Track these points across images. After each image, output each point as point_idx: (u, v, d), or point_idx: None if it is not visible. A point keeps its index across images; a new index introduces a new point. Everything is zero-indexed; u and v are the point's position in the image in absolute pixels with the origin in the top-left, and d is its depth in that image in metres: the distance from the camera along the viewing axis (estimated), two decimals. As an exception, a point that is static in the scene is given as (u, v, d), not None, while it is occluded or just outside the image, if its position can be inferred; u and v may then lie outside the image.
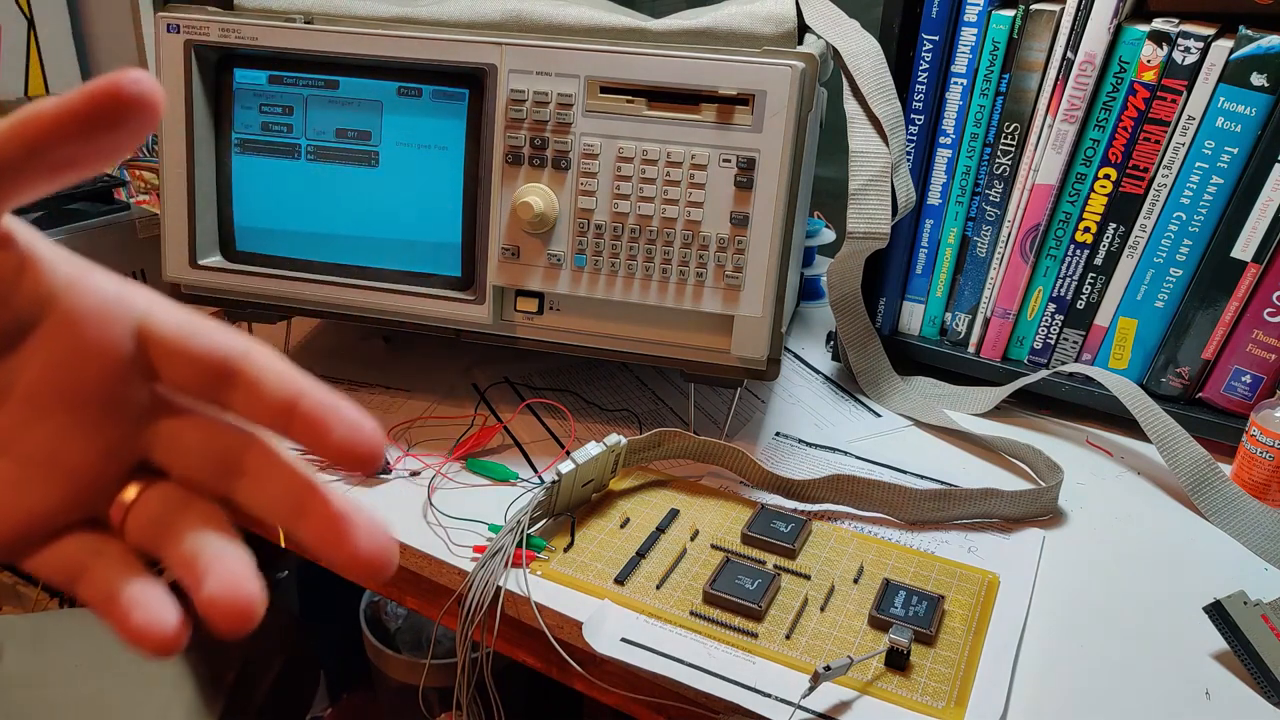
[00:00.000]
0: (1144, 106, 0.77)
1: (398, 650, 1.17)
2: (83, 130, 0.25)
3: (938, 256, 0.90)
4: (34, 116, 0.25)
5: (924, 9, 0.82)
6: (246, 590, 0.26)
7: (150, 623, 0.26)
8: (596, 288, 0.74)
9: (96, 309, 0.28)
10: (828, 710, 0.55)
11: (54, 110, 0.25)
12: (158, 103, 0.25)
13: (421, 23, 0.76)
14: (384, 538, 0.28)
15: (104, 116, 0.25)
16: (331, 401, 0.27)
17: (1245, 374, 0.80)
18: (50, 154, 0.26)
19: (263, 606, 0.26)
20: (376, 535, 0.27)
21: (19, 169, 0.25)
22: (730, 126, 0.69)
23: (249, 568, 0.27)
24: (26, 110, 0.25)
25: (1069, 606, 0.65)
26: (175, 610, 0.27)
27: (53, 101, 0.25)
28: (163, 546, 0.28)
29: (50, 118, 0.25)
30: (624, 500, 0.73)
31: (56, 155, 0.26)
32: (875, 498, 0.72)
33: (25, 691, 0.75)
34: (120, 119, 0.25)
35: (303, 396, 0.27)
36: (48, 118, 0.25)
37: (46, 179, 0.26)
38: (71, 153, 0.26)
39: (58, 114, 0.25)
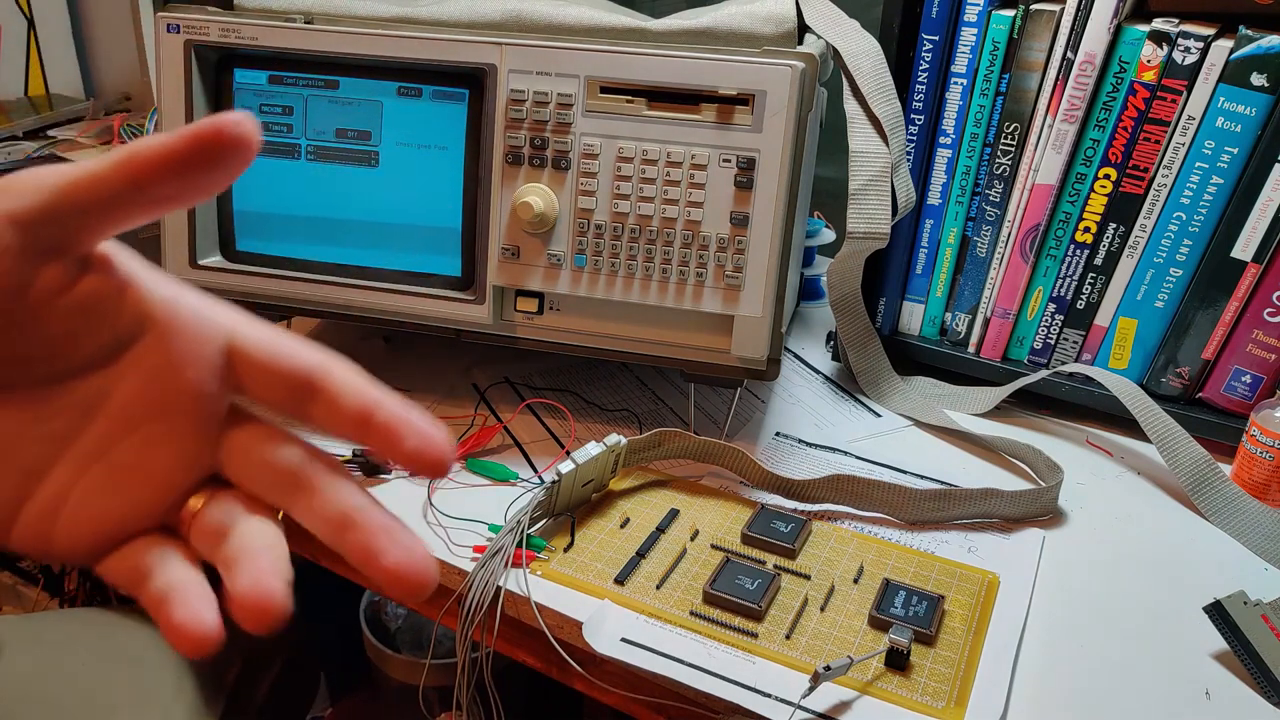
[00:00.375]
0: (1144, 106, 0.77)
1: (398, 650, 1.17)
2: (184, 169, 0.27)
3: (938, 256, 0.90)
4: (139, 154, 0.27)
5: (924, 9, 0.82)
6: (271, 587, 0.28)
7: (186, 620, 0.28)
8: (596, 288, 0.74)
9: (190, 326, 0.30)
10: (828, 710, 0.56)
11: (159, 150, 0.27)
12: (255, 144, 0.27)
13: (421, 23, 0.76)
14: (421, 556, 0.29)
15: (205, 157, 0.27)
16: (405, 412, 0.29)
17: (1245, 374, 0.80)
18: (152, 190, 0.27)
19: (286, 607, 0.28)
20: (414, 553, 0.29)
21: (123, 203, 0.27)
22: (730, 126, 0.69)
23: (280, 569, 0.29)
24: (132, 147, 0.27)
25: (1069, 606, 0.65)
26: (214, 611, 0.28)
27: (157, 140, 0.27)
28: (216, 551, 0.30)
29: (155, 157, 0.27)
30: (624, 500, 0.73)
31: (158, 191, 0.27)
32: (875, 498, 0.72)
33: (25, 691, 0.75)
34: (220, 159, 0.27)
35: (379, 408, 0.29)
36: (153, 157, 0.27)
37: (146, 212, 0.28)
38: (172, 189, 0.28)
39: (162, 154, 0.27)
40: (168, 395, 0.30)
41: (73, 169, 0.27)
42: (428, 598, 0.30)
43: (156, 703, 0.78)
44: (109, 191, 0.27)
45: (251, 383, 0.30)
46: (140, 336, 0.30)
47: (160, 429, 0.30)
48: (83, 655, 0.80)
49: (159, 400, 0.30)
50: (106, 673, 0.79)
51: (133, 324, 0.29)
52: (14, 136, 1.32)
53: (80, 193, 0.27)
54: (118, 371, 0.30)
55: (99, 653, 0.80)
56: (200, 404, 0.30)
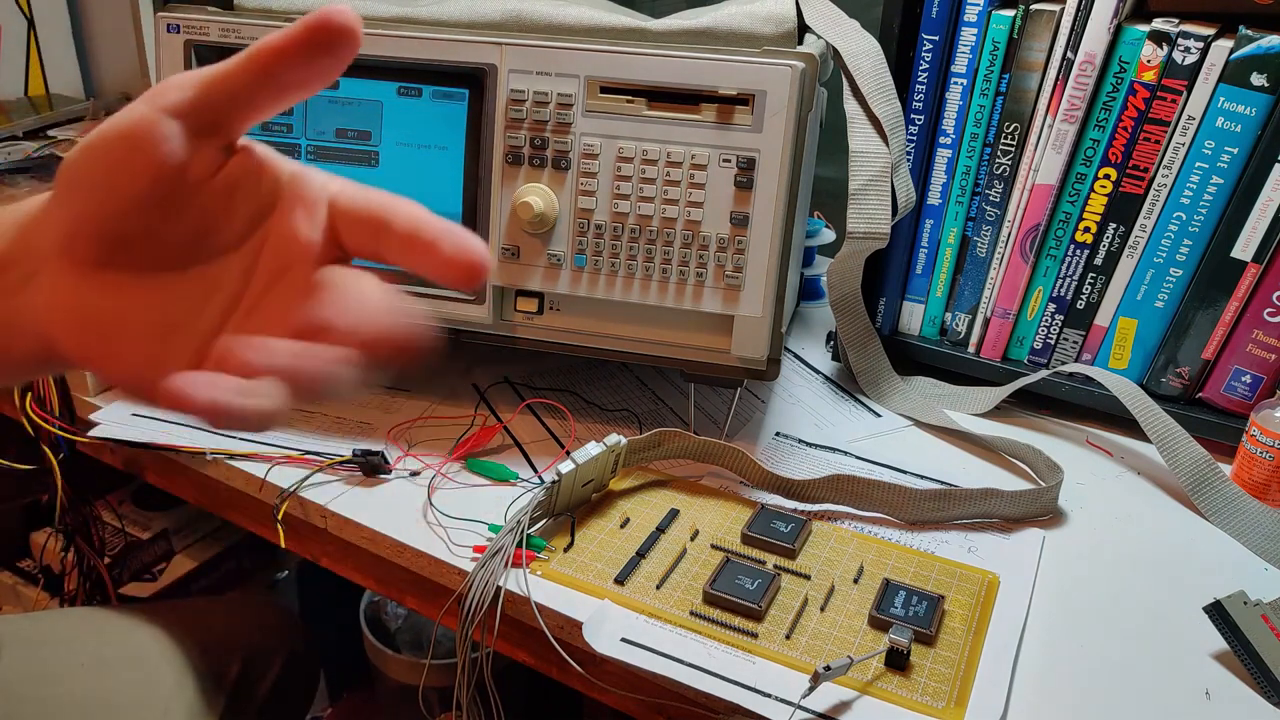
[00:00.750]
0: (1144, 106, 0.77)
1: (398, 650, 1.18)
2: (305, 54, 0.32)
3: (938, 256, 0.90)
4: (265, 47, 0.32)
5: (924, 9, 0.82)
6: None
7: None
8: (596, 288, 0.74)
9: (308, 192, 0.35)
10: (828, 710, 0.56)
11: (280, 41, 0.32)
12: (359, 32, 0.32)
13: (421, 23, 0.76)
14: (475, 245, 0.34)
15: (319, 44, 0.32)
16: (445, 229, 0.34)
17: (1245, 374, 0.80)
18: (280, 76, 0.32)
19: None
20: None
21: (256, 91, 0.32)
22: (730, 126, 0.69)
23: None
24: (257, 43, 0.32)
25: (1069, 606, 0.65)
26: None
27: (278, 33, 0.32)
28: None
29: (277, 47, 0.32)
30: (624, 500, 0.73)
31: (284, 78, 0.32)
32: (875, 498, 0.72)
33: (25, 691, 0.75)
34: (331, 45, 0.32)
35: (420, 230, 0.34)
36: (275, 48, 0.32)
37: (275, 100, 0.33)
38: (295, 75, 0.32)
39: (283, 44, 0.32)
40: (296, 249, 0.35)
41: (212, 68, 0.32)
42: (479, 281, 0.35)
43: (156, 702, 0.78)
44: (244, 82, 0.32)
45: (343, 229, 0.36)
46: (274, 205, 0.35)
47: (294, 277, 0.35)
48: (83, 655, 0.80)
49: (292, 254, 0.35)
50: (106, 673, 0.79)
51: (269, 195, 0.35)
52: (14, 136, 1.32)
53: (222, 85, 0.32)
54: (261, 236, 0.35)
55: (99, 653, 0.80)
56: (318, 251, 0.35)
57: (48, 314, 0.34)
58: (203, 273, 0.35)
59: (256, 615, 0.93)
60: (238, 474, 0.75)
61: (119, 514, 1.23)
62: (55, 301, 0.34)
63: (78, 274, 0.33)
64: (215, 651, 0.84)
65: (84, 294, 0.34)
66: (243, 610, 0.93)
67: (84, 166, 0.32)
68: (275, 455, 0.75)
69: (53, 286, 0.34)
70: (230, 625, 0.89)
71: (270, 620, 0.94)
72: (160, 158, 0.32)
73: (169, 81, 0.32)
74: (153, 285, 0.34)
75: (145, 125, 0.32)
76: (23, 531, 1.29)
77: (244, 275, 0.35)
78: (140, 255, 0.34)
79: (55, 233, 0.33)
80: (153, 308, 0.34)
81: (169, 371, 0.32)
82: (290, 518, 0.73)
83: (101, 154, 0.32)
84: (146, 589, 1.23)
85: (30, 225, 0.34)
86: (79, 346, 0.34)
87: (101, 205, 0.32)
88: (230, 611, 0.92)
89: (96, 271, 0.33)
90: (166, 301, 0.34)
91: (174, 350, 0.34)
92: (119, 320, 0.34)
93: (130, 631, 0.83)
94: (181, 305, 0.34)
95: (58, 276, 0.34)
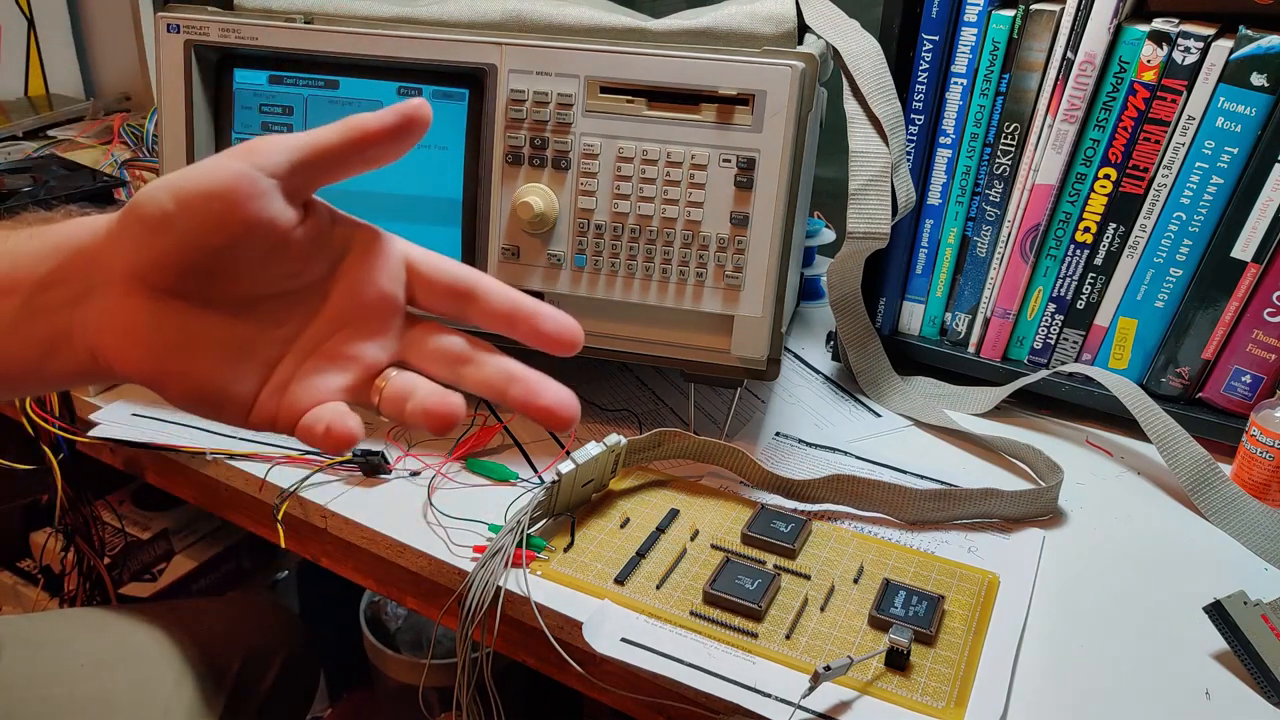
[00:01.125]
0: (1144, 106, 0.77)
1: (398, 650, 1.18)
2: (395, 136, 0.37)
3: (938, 256, 0.90)
4: (362, 126, 0.37)
5: (924, 9, 0.82)
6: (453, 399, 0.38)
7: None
8: (596, 288, 0.74)
9: (382, 249, 0.39)
10: (828, 710, 0.56)
11: (378, 123, 0.37)
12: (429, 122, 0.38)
13: (421, 23, 0.76)
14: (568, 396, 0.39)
15: (409, 128, 0.37)
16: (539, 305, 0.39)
17: (1245, 374, 0.80)
18: (368, 151, 0.37)
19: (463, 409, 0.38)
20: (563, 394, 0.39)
21: (346, 160, 0.37)
22: (730, 126, 0.69)
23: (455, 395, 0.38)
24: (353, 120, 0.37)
25: (1069, 606, 0.65)
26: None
27: (374, 116, 0.37)
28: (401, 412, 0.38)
29: (376, 128, 0.37)
30: (624, 500, 0.73)
31: (371, 153, 0.37)
32: (875, 498, 0.72)
33: (25, 691, 0.75)
34: (415, 130, 0.37)
35: (520, 304, 0.39)
36: (374, 128, 0.37)
37: (358, 169, 0.38)
38: (380, 151, 0.37)
39: (380, 125, 0.37)
40: (367, 300, 0.39)
41: (309, 136, 0.37)
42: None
43: (156, 702, 0.78)
44: (339, 153, 0.37)
45: (421, 293, 0.40)
46: (346, 256, 0.39)
47: (360, 326, 0.39)
48: (83, 655, 0.80)
49: (360, 304, 0.39)
50: (106, 673, 0.79)
51: (341, 247, 0.39)
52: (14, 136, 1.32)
53: (318, 154, 0.36)
54: (330, 283, 0.39)
55: (99, 653, 0.80)
56: (389, 305, 0.39)
57: (101, 332, 0.37)
58: (270, 308, 0.38)
59: (256, 615, 0.93)
60: (238, 474, 0.75)
61: (119, 514, 1.23)
62: (116, 322, 0.36)
63: (148, 300, 0.36)
64: (215, 651, 0.84)
65: (153, 318, 0.36)
66: (243, 610, 0.93)
67: (174, 213, 0.35)
68: (275, 455, 0.75)
69: (116, 308, 0.36)
70: (230, 625, 0.89)
71: (270, 620, 0.94)
72: (254, 215, 0.35)
73: (266, 142, 0.36)
74: (221, 315, 0.37)
75: (245, 185, 0.35)
76: (23, 531, 1.29)
77: (309, 314, 0.39)
78: (214, 291, 0.37)
79: (128, 262, 0.36)
80: (219, 335, 0.37)
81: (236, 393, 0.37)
82: (290, 518, 0.73)
83: (196, 205, 0.35)
84: (146, 589, 1.23)
85: (92, 249, 0.37)
86: (139, 365, 0.37)
87: (188, 252, 0.35)
88: (230, 611, 0.92)
89: (168, 299, 0.36)
90: (233, 330, 0.37)
91: (243, 373, 0.38)
92: (186, 344, 0.37)
93: (130, 631, 0.83)
94: (247, 334, 0.38)
95: (123, 299, 0.36)
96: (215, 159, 0.35)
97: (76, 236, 0.37)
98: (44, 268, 0.37)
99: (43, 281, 0.37)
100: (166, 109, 0.77)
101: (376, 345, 0.39)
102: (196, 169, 0.35)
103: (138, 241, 0.35)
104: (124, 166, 1.19)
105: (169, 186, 0.35)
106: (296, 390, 0.38)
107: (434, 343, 0.40)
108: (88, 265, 0.37)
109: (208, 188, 0.34)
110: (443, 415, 0.37)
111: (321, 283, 0.39)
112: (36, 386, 0.41)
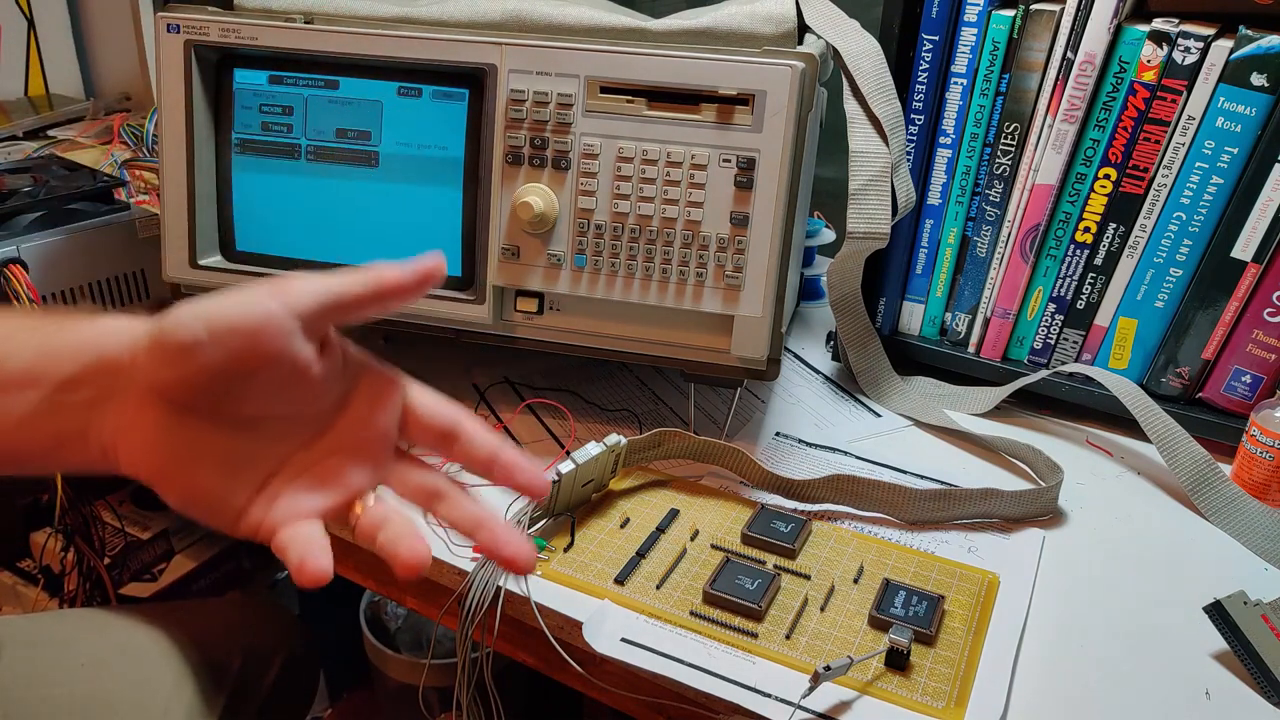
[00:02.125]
0: (1144, 106, 0.77)
1: (398, 650, 1.18)
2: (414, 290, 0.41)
3: (938, 256, 0.90)
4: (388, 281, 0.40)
5: (924, 9, 0.82)
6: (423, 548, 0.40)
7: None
8: (596, 288, 0.74)
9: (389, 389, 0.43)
10: (828, 710, 0.56)
11: (399, 279, 0.40)
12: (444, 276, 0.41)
13: (421, 23, 0.76)
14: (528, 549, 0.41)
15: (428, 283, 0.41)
16: (519, 457, 0.43)
17: (1245, 374, 0.80)
18: (388, 301, 0.40)
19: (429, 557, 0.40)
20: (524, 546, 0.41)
21: (367, 307, 0.40)
22: (730, 126, 0.69)
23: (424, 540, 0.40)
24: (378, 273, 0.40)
25: (1069, 606, 0.65)
26: None
27: (396, 272, 0.40)
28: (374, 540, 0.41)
29: (399, 283, 0.40)
30: (624, 500, 0.73)
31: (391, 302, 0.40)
32: (875, 498, 0.72)
33: (25, 691, 0.75)
34: (433, 284, 0.41)
35: (500, 453, 0.43)
36: (397, 283, 0.40)
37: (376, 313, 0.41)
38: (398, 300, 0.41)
39: (401, 283, 0.40)
40: (366, 433, 0.42)
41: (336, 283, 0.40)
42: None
43: (156, 702, 0.78)
44: (363, 302, 0.40)
45: (414, 431, 0.43)
46: (354, 391, 0.42)
47: (354, 454, 0.42)
48: (83, 655, 0.80)
49: (359, 436, 0.42)
50: (106, 673, 0.79)
51: (351, 382, 0.42)
52: (14, 136, 1.32)
53: (344, 301, 0.40)
54: (335, 414, 0.42)
55: (99, 653, 0.80)
56: (385, 440, 0.42)
57: (116, 435, 0.39)
58: (274, 428, 0.41)
59: (256, 615, 0.93)
60: (238, 474, 0.75)
61: (119, 514, 1.23)
62: (132, 429, 0.39)
63: (164, 412, 0.39)
64: (215, 651, 0.84)
65: (166, 429, 0.39)
66: (243, 610, 0.93)
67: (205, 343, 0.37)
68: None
69: (133, 416, 0.39)
70: (230, 625, 0.89)
71: (270, 620, 0.94)
72: (279, 352, 0.38)
73: (296, 284, 0.39)
74: (228, 430, 0.40)
75: (275, 324, 0.38)
76: (23, 531, 1.29)
77: (310, 438, 0.41)
78: (226, 410, 0.39)
79: (152, 379, 0.38)
80: (224, 449, 0.40)
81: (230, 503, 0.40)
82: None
83: (227, 339, 0.37)
84: (146, 589, 1.23)
85: (119, 360, 0.39)
86: (146, 468, 0.39)
87: (212, 377, 0.38)
88: (230, 611, 0.92)
89: (182, 413, 0.39)
90: (239, 445, 0.40)
91: (239, 484, 0.40)
92: (192, 455, 0.39)
93: (130, 631, 0.83)
94: (249, 450, 0.40)
95: (141, 409, 0.39)
96: (249, 295, 0.38)
97: (104, 344, 0.40)
98: (69, 368, 0.39)
99: (66, 382, 0.39)
100: (166, 109, 0.77)
101: (364, 472, 0.42)
102: (230, 302, 0.37)
103: (165, 362, 0.38)
104: (124, 166, 1.19)
105: (203, 316, 0.37)
106: (283, 504, 0.41)
107: (416, 478, 0.44)
108: (113, 373, 0.39)
109: (240, 324, 0.37)
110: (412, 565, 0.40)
111: (327, 412, 0.42)
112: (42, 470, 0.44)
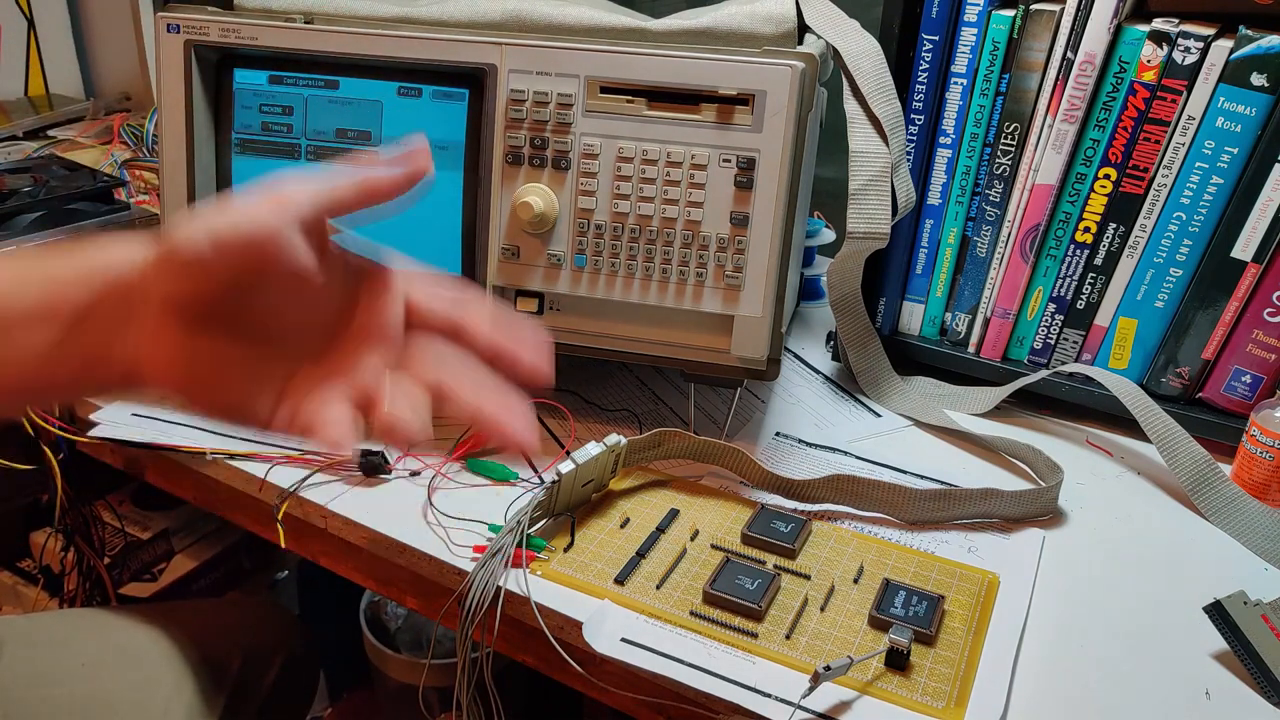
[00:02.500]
0: (1144, 106, 0.77)
1: (398, 650, 1.18)
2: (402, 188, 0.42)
3: (938, 256, 0.90)
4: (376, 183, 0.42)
5: (924, 9, 0.82)
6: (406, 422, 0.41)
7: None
8: (596, 288, 0.74)
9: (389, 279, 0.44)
10: (828, 710, 0.56)
11: (389, 181, 0.42)
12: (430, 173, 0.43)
13: (421, 23, 0.76)
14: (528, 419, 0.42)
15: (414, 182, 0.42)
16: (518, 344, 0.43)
17: (1245, 374, 0.80)
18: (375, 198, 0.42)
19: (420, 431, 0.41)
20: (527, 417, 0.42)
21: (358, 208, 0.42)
22: (730, 126, 0.69)
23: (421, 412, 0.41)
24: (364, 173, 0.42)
25: (1069, 606, 0.65)
26: None
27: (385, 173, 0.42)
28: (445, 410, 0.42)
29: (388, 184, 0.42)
30: (624, 500, 0.73)
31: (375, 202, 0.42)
32: (875, 498, 0.72)
33: (25, 691, 0.75)
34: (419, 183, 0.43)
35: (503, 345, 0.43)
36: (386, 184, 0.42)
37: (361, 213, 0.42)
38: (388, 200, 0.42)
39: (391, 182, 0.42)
40: (374, 327, 0.43)
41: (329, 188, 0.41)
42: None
43: (156, 702, 0.78)
44: (355, 203, 0.41)
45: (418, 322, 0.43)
46: (358, 290, 0.43)
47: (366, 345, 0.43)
48: (83, 655, 0.80)
49: (368, 330, 0.43)
50: (106, 673, 0.79)
51: (355, 279, 0.43)
52: (14, 136, 1.32)
53: (336, 204, 0.41)
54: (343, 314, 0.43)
55: (99, 653, 0.80)
56: (392, 331, 0.43)
57: (140, 354, 0.40)
58: (290, 334, 0.42)
59: (256, 615, 0.93)
60: (238, 474, 0.75)
61: (119, 514, 1.23)
62: (154, 346, 0.40)
63: (183, 329, 0.40)
64: (215, 651, 0.84)
65: (186, 343, 0.40)
66: (243, 610, 0.93)
67: (210, 256, 0.38)
68: (275, 455, 0.75)
69: (153, 334, 0.40)
70: (230, 625, 0.89)
71: (270, 620, 0.94)
72: (282, 260, 0.39)
73: (292, 192, 0.40)
74: (246, 340, 0.41)
75: (276, 235, 0.38)
76: (23, 531, 1.29)
77: (326, 339, 0.43)
78: (241, 322, 0.40)
79: (164, 295, 0.39)
80: (245, 357, 0.41)
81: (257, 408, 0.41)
82: (290, 518, 0.73)
83: (231, 250, 0.38)
84: (146, 589, 1.23)
85: (129, 281, 0.40)
86: (174, 384, 0.41)
87: (222, 291, 0.39)
88: (230, 611, 0.92)
89: (200, 327, 0.40)
90: (257, 353, 0.41)
91: (263, 390, 0.42)
92: (215, 366, 0.41)
93: (130, 632, 0.83)
94: (269, 356, 0.42)
95: (159, 327, 0.40)
96: (249, 205, 0.39)
97: (113, 268, 0.40)
98: (82, 296, 0.40)
99: (82, 310, 0.40)
100: (166, 109, 0.77)
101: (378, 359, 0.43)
102: (232, 214, 0.38)
103: (174, 278, 0.39)
104: (124, 166, 1.20)
105: (206, 230, 0.38)
106: (307, 401, 0.42)
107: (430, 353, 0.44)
108: (125, 295, 0.40)
109: (243, 235, 0.38)
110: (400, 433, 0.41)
111: (336, 315, 0.43)
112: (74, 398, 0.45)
